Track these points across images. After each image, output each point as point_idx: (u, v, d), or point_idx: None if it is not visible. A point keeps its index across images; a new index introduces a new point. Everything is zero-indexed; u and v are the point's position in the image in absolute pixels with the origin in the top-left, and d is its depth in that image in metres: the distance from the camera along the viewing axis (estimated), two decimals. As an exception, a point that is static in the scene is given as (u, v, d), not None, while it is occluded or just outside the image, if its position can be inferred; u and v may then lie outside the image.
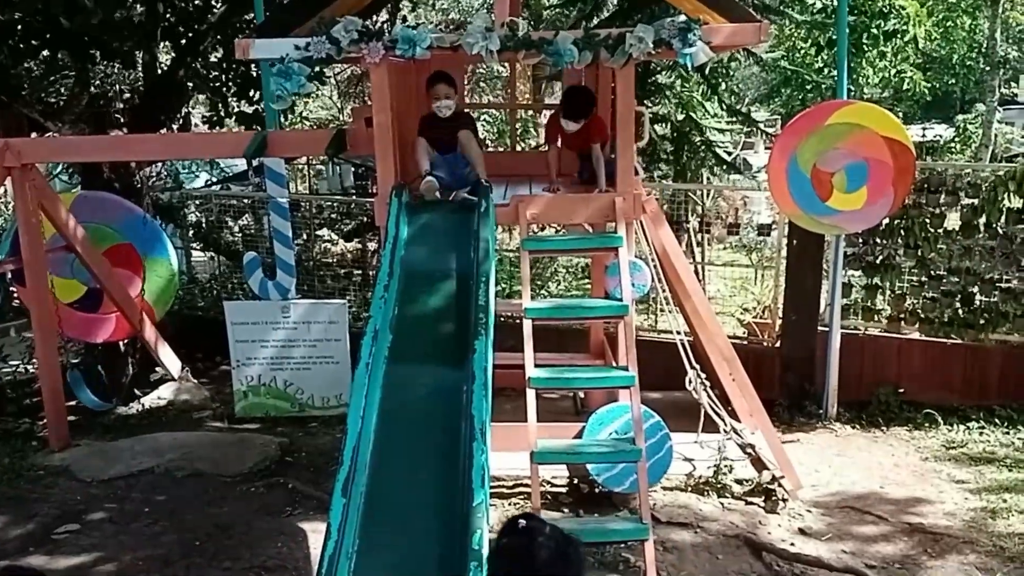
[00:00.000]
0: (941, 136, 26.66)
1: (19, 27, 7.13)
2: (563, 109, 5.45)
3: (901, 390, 7.42)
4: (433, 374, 3.82)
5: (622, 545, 4.71)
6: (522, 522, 2.27)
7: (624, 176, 4.92)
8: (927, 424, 7.00)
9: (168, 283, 7.90)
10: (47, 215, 6.59)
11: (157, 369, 8.21)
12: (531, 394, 4.50)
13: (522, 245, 4.86)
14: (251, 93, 8.77)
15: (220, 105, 8.87)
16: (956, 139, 25.15)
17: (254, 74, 8.46)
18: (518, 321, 4.90)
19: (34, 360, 8.29)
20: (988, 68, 24.24)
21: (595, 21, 7.99)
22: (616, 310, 4.75)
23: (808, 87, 14.71)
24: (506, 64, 7.39)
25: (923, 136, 26.62)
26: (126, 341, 8.04)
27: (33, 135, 9.42)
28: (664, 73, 9.19)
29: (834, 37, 9.80)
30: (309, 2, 4.82)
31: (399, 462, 3.42)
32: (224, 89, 8.77)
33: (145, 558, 4.84)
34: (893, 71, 13.89)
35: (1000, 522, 5.23)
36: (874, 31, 9.99)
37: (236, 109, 8.94)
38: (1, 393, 8.22)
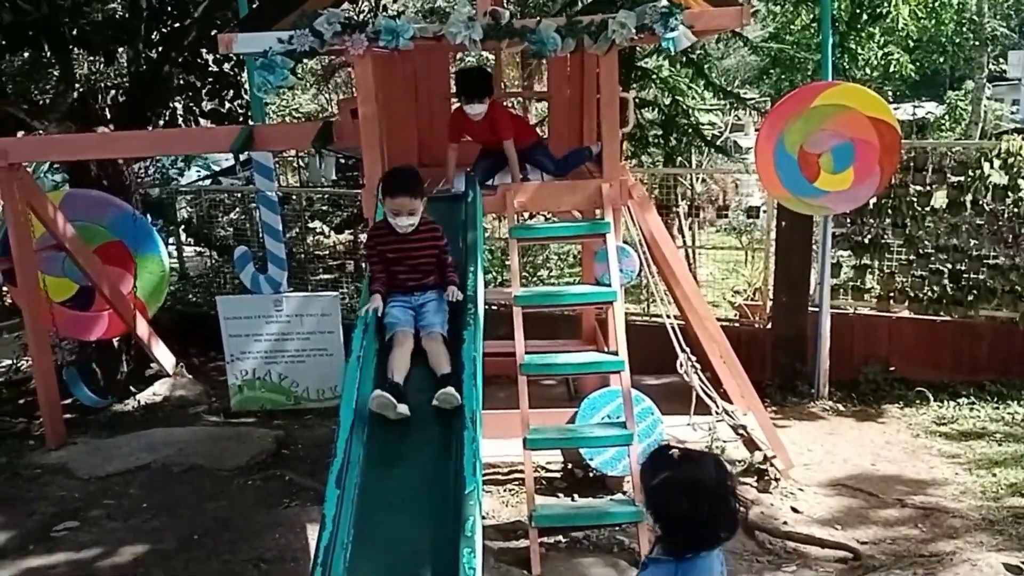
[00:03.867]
0: (931, 114, 26.70)
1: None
2: (459, 94, 5.21)
3: (892, 368, 7.48)
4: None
5: (616, 528, 4.76)
6: (674, 451, 2.28)
7: (610, 163, 4.94)
8: (918, 401, 7.06)
9: (160, 279, 7.90)
10: (36, 214, 6.59)
11: (152, 365, 8.22)
12: (523, 381, 4.53)
13: (511, 233, 4.89)
14: (224, 92, 8.83)
15: (193, 105, 8.94)
16: (946, 117, 25.17)
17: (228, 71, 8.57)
18: (510, 309, 4.92)
19: (26, 359, 8.33)
20: (977, 44, 24.22)
21: (579, 6, 7.96)
22: (605, 296, 4.79)
23: (798, 67, 14.69)
24: (492, 52, 7.38)
25: (913, 115, 26.64)
26: (120, 338, 8.04)
27: (20, 134, 9.43)
28: (653, 57, 9.18)
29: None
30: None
31: (392, 452, 3.45)
32: (200, 88, 8.81)
33: (144, 553, 4.88)
34: (880, 53, 13.86)
35: (989, 495, 5.30)
36: (862, 13, 9.97)
37: (208, 108, 9.01)
38: (-5, 392, 8.24)
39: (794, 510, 5.20)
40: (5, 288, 10.12)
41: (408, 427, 3.56)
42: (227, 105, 9.01)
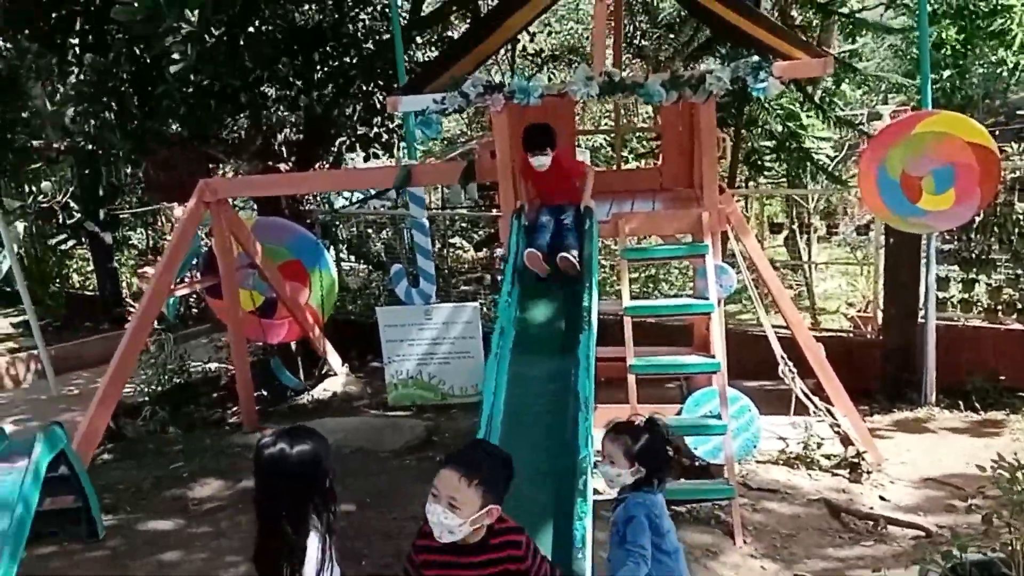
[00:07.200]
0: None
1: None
2: (524, 148, 5.61)
3: (1001, 378, 7.80)
4: (548, 361, 4.81)
5: (716, 505, 5.53)
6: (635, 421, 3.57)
7: (709, 194, 5.75)
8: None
9: (331, 292, 9.25)
10: (237, 239, 8.01)
11: (323, 366, 9.59)
12: (631, 378, 5.40)
13: (622, 255, 5.78)
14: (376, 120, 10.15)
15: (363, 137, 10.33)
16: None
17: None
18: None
19: (214, 360, 9.95)
20: None
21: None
22: (703, 308, 5.59)
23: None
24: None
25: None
26: (296, 342, 9.45)
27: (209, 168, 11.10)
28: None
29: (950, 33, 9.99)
30: (439, 64, 5.94)
31: (523, 428, 4.42)
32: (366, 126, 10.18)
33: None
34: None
35: (1074, 494, 5.68)
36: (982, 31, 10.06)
37: (375, 132, 10.37)
38: (195, 388, 9.81)
39: (881, 498, 5.80)
40: (191, 299, 11.94)
41: (534, 412, 4.52)
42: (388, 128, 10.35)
